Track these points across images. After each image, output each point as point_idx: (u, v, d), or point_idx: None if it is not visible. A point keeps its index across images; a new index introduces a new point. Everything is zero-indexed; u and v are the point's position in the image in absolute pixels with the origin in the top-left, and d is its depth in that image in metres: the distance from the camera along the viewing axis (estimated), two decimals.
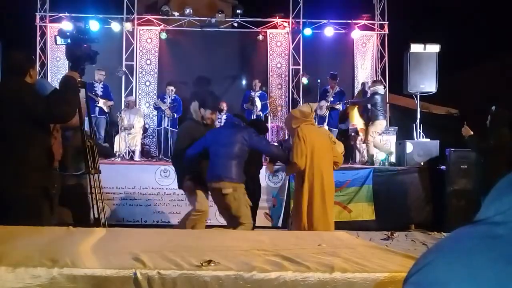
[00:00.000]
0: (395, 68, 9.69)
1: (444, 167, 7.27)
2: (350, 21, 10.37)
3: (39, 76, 8.87)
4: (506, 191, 0.58)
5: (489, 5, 11.84)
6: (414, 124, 8.59)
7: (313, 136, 4.45)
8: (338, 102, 9.09)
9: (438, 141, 7.87)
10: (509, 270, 0.50)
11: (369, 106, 8.32)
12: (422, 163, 7.57)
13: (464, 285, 0.51)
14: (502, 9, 11.47)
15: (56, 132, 3.73)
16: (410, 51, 8.39)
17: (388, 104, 10.56)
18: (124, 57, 10.07)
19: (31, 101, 2.82)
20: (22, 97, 2.80)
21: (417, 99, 8.64)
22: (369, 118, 8.28)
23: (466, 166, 6.88)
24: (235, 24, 10.56)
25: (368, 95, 8.79)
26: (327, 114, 8.99)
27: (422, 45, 8.40)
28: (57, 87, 3.05)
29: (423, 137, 8.42)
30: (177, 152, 5.05)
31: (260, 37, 10.47)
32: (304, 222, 4.36)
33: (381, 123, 8.11)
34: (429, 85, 8.36)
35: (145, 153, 9.35)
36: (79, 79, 3.09)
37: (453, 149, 7.05)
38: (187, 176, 4.92)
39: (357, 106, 8.95)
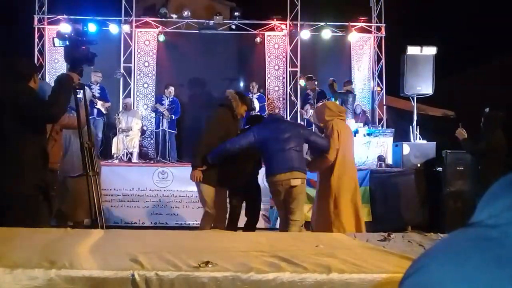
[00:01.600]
0: (392, 70, 9.73)
1: (441, 168, 7.30)
2: (347, 24, 10.41)
3: None
4: (500, 194, 0.58)
5: (485, 7, 11.90)
6: (410, 126, 8.62)
7: (345, 133, 4.57)
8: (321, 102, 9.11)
9: (435, 143, 7.89)
10: (502, 273, 0.50)
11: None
12: (418, 165, 7.59)
13: (457, 285, 0.52)
14: (498, 12, 11.53)
15: (55, 134, 3.74)
16: (407, 53, 8.43)
17: (384, 106, 10.63)
18: (122, 59, 10.07)
19: (25, 102, 2.82)
20: (17, 98, 2.81)
21: (413, 101, 8.68)
22: None
23: (462, 168, 6.90)
24: (233, 27, 10.59)
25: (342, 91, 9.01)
26: None
27: (419, 48, 8.45)
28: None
29: (419, 139, 8.46)
30: (208, 143, 4.44)
31: (258, 39, 10.50)
32: (332, 222, 4.37)
33: (350, 122, 8.29)
34: (426, 87, 8.40)
35: (143, 155, 9.35)
36: (78, 81, 3.11)
37: (449, 151, 7.08)
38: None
39: None
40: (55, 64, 10.17)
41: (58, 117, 3.00)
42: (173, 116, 9.10)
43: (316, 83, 9.07)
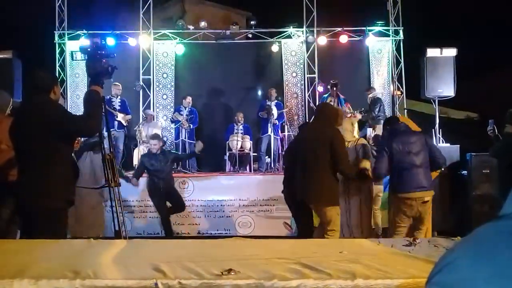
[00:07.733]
0: (412, 73, 9.61)
1: (465, 172, 7.13)
2: (364, 28, 10.34)
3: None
4: None
5: (506, 6, 11.69)
6: (433, 129, 8.48)
7: None
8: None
9: (458, 146, 7.73)
10: None
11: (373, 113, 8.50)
12: (442, 168, 7.44)
13: (489, 282, 0.49)
14: None
15: (76, 144, 3.81)
16: (427, 55, 8.33)
17: (405, 110, 10.49)
18: (141, 72, 10.21)
19: (57, 117, 2.88)
20: (48, 114, 2.87)
21: (435, 104, 8.55)
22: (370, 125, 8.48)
23: (488, 171, 6.73)
24: (250, 35, 10.63)
25: (369, 101, 8.92)
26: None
27: (439, 49, 8.34)
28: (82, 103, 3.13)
29: (442, 142, 8.31)
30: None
31: (275, 47, 10.51)
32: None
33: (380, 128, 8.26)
34: (447, 90, 8.27)
35: None
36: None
37: (474, 154, 6.92)
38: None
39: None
40: (76, 79, 10.37)
41: (97, 131, 3.16)
42: (191, 126, 9.16)
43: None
